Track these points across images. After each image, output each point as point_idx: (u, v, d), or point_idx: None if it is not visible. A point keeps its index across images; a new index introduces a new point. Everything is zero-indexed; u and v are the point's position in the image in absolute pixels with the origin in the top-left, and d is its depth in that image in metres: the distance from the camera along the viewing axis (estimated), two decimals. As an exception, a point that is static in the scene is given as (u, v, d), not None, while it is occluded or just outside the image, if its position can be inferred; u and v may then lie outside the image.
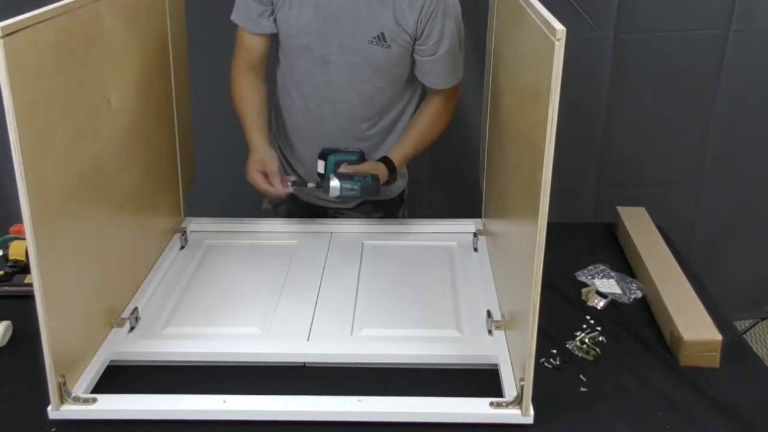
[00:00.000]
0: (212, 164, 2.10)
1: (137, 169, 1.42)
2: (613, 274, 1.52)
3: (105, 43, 1.25)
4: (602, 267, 1.55)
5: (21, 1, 1.10)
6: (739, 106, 2.30)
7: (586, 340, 1.30)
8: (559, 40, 0.89)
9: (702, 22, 2.20)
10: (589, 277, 1.51)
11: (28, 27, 0.98)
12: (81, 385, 1.16)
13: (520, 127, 1.18)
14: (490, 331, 1.30)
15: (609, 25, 2.18)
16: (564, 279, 1.50)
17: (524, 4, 1.12)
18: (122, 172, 1.34)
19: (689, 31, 2.21)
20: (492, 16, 1.52)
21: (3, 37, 0.92)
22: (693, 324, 1.28)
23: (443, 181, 2.42)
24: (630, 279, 1.50)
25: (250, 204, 2.15)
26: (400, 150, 1.61)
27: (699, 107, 2.31)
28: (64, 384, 1.11)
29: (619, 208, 1.71)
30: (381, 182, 1.54)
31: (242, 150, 1.58)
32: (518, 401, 1.11)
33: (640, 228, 1.63)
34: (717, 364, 1.25)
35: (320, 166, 1.59)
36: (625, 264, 1.58)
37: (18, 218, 1.00)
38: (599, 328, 1.34)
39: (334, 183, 1.48)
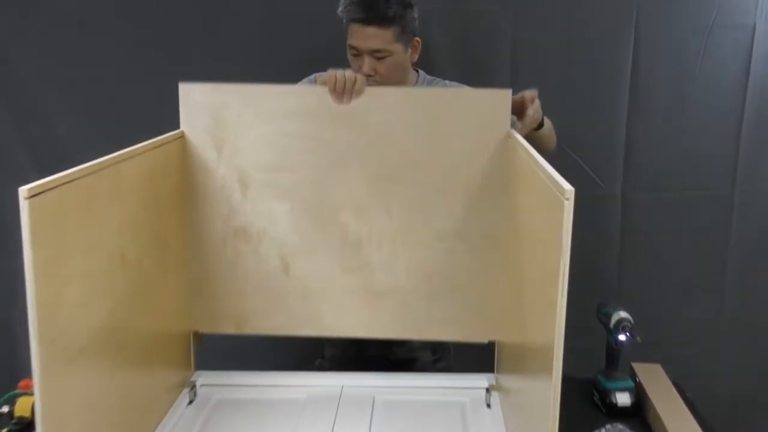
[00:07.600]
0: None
1: (149, 324, 1.42)
2: (631, 433, 1.48)
3: (123, 200, 1.28)
4: (620, 426, 1.50)
5: (51, 165, 1.13)
6: (751, 262, 2.32)
7: (607, 504, 1.25)
8: (567, 199, 0.92)
9: (706, 182, 2.27)
10: (607, 436, 1.47)
11: (52, 188, 1.02)
12: None
13: (531, 282, 1.19)
14: (505, 493, 1.26)
15: (616, 183, 2.25)
16: (581, 438, 1.46)
17: (533, 164, 1.16)
18: (134, 327, 1.34)
19: (695, 190, 2.27)
20: (503, 174, 1.57)
21: (28, 198, 0.96)
22: (717, 487, 1.23)
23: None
24: (649, 438, 1.45)
25: (262, 357, 2.13)
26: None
27: (712, 262, 2.33)
28: None
29: (634, 365, 1.68)
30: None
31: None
32: None
33: (656, 385, 1.60)
34: None
35: None
36: (643, 423, 1.54)
37: (28, 372, 0.99)
38: (619, 491, 1.29)
39: None
